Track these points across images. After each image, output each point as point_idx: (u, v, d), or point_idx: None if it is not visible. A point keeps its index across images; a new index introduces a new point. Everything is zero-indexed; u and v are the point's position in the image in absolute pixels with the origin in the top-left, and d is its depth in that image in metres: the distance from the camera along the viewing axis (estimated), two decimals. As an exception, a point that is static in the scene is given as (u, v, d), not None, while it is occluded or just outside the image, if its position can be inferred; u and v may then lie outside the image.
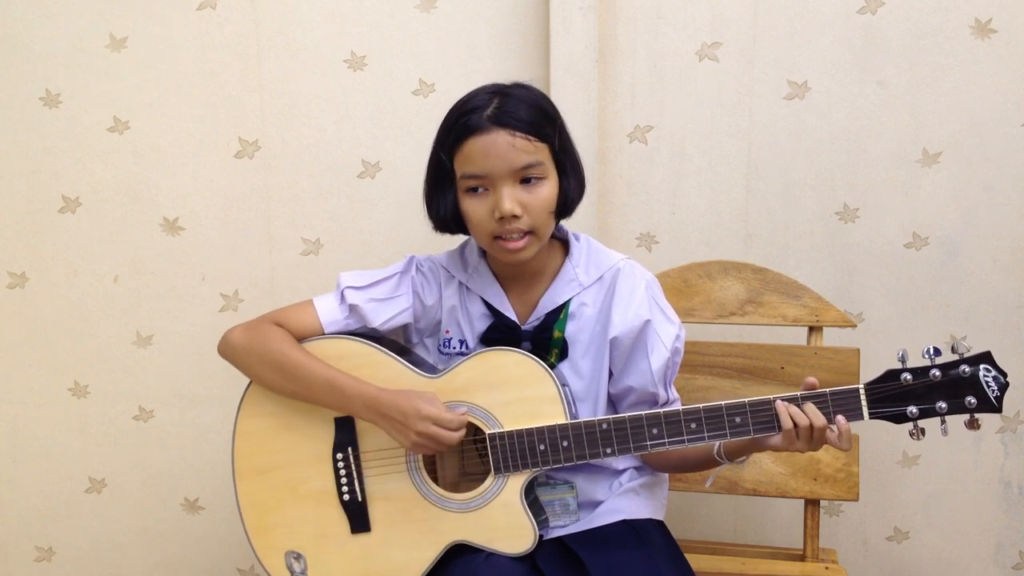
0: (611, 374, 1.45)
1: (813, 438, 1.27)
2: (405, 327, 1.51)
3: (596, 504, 1.45)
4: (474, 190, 1.34)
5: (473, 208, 1.34)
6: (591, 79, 1.86)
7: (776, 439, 1.29)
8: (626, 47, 1.91)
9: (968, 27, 1.80)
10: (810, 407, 1.27)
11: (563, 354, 1.43)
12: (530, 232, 1.33)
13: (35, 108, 2.05)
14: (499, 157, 1.30)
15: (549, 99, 1.39)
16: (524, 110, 1.31)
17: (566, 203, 1.38)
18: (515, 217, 1.31)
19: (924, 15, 1.81)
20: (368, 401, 1.36)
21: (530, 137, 1.30)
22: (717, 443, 1.36)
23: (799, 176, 1.91)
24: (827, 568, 1.72)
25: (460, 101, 1.35)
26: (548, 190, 1.34)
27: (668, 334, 1.42)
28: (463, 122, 1.31)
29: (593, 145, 1.88)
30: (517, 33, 1.93)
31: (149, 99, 2.04)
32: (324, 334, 1.45)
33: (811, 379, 1.29)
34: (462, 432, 1.33)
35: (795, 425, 1.26)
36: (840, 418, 1.26)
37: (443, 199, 1.38)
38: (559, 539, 1.40)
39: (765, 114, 1.89)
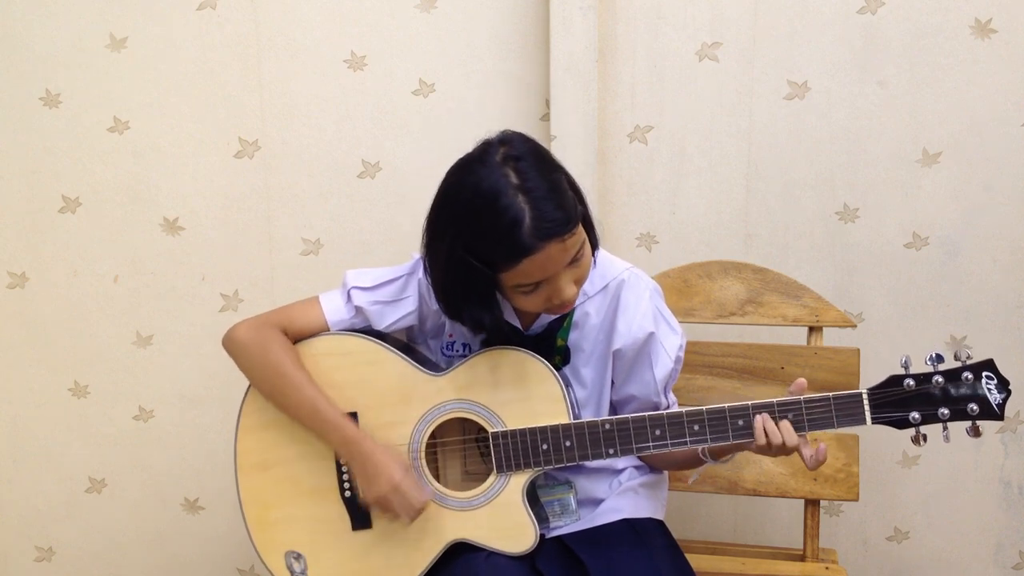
0: (612, 382, 1.45)
1: (786, 453, 1.28)
2: (409, 328, 1.51)
3: (596, 503, 1.45)
4: (530, 291, 1.28)
5: (529, 302, 1.29)
6: (591, 79, 1.86)
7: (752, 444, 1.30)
8: (626, 47, 1.91)
9: (968, 27, 1.80)
10: (785, 425, 1.27)
11: (565, 362, 1.43)
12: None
13: (35, 108, 2.05)
14: (555, 264, 1.24)
15: (551, 157, 1.30)
16: (558, 204, 1.22)
17: (594, 247, 1.35)
18: None
19: (924, 15, 1.81)
20: (347, 440, 1.36)
21: (574, 231, 1.24)
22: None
23: (799, 176, 1.91)
24: (827, 568, 1.72)
25: (482, 201, 1.22)
26: (588, 254, 1.30)
27: (672, 345, 1.42)
28: (508, 244, 1.21)
29: (593, 145, 1.88)
30: (517, 33, 1.93)
31: (149, 99, 2.03)
32: (330, 332, 1.45)
33: (801, 380, 1.29)
34: (416, 516, 1.35)
35: (769, 443, 1.27)
36: (822, 447, 1.28)
37: (483, 309, 1.31)
38: (559, 538, 1.40)
39: (765, 114, 1.89)
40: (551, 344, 1.41)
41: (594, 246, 1.34)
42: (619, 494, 1.46)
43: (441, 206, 1.29)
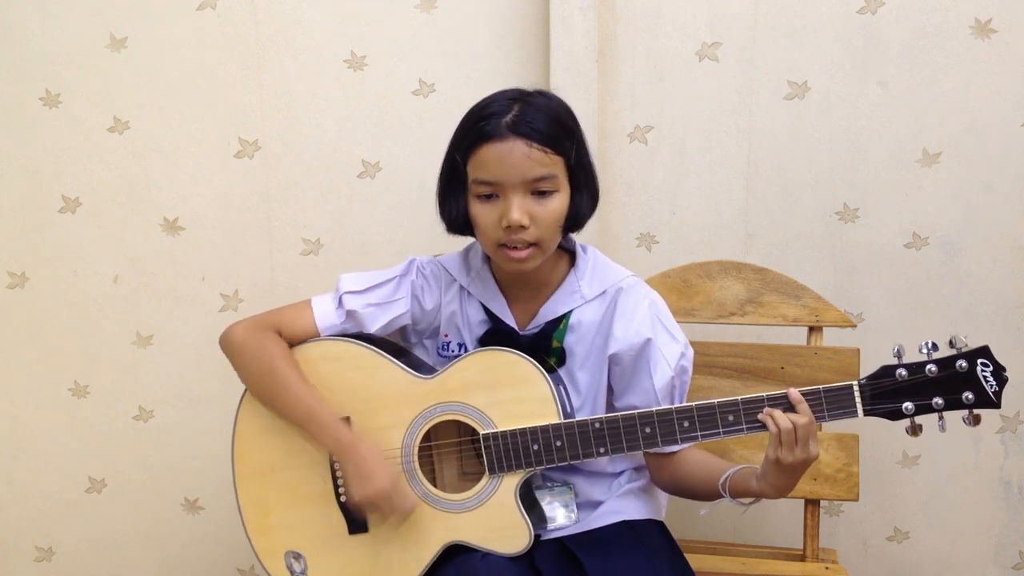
0: (612, 391, 1.44)
1: (798, 440, 1.24)
2: (403, 328, 1.51)
3: (595, 505, 1.45)
4: (485, 196, 1.32)
5: (482, 214, 1.33)
6: (591, 79, 1.86)
7: (763, 467, 1.28)
8: (626, 47, 1.91)
9: (968, 27, 1.80)
10: (790, 413, 1.25)
11: (560, 364, 1.43)
12: (535, 244, 1.33)
13: (35, 108, 2.05)
14: (513, 166, 1.28)
15: (570, 110, 1.37)
16: (544, 121, 1.29)
17: (576, 218, 1.37)
18: (522, 227, 1.30)
19: (924, 15, 1.81)
20: (340, 443, 1.37)
21: (547, 149, 1.29)
22: (723, 475, 1.35)
23: (799, 176, 1.91)
24: (827, 568, 1.72)
25: (479, 104, 1.33)
26: (559, 204, 1.33)
27: (672, 353, 1.41)
28: (480, 127, 1.29)
29: (593, 145, 1.85)
30: (517, 33, 1.93)
31: (149, 99, 2.03)
32: (320, 338, 1.45)
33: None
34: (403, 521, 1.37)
35: (780, 429, 1.24)
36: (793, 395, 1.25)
37: (455, 202, 1.37)
38: (558, 540, 1.40)
39: (765, 114, 1.89)
40: (547, 346, 1.41)
41: (577, 223, 1.38)
42: (619, 496, 1.46)
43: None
